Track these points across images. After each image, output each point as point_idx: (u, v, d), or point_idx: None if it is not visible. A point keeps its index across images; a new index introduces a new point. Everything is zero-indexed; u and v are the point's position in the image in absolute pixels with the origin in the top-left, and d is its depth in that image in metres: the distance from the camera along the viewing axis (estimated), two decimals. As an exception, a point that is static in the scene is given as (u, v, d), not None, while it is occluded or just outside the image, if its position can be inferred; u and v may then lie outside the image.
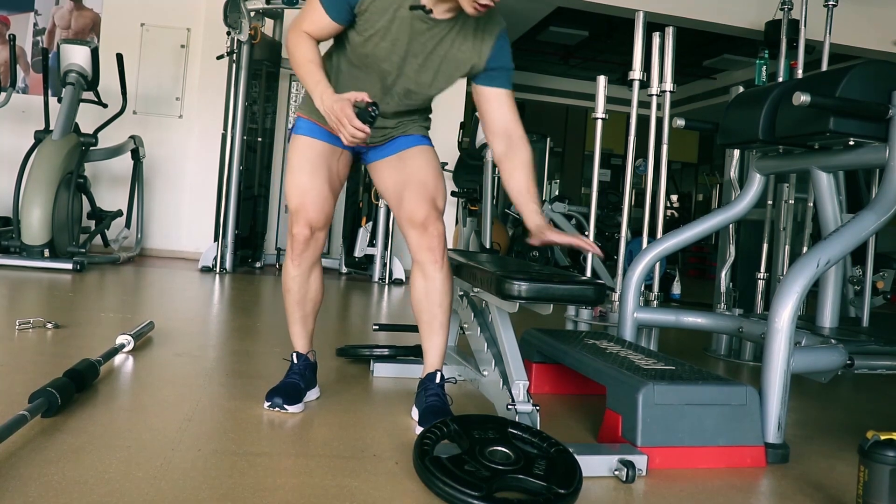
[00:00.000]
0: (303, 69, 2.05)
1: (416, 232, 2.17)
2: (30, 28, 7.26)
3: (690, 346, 4.16)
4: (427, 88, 2.18)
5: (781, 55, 4.08)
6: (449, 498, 1.56)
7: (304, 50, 2.06)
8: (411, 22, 2.03)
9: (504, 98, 2.18)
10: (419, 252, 2.19)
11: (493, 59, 2.13)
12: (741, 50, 9.67)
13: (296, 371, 2.30)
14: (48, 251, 5.39)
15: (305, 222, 2.16)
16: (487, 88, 2.17)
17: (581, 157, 13.68)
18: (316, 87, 2.00)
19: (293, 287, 2.26)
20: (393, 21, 2.02)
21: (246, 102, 6.23)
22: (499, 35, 2.13)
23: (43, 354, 2.79)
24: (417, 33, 2.05)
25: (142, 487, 1.55)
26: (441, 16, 2.03)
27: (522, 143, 2.20)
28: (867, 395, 3.27)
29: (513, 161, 2.18)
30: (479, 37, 2.10)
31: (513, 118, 2.19)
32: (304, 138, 2.23)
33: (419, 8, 2.00)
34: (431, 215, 2.16)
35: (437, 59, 2.10)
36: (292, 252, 2.20)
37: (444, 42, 2.08)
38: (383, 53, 2.07)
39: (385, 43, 2.05)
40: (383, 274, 6.44)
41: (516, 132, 2.19)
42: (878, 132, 2.28)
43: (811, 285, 2.18)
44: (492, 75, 2.16)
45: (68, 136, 5.75)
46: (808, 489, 1.89)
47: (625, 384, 2.05)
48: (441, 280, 2.19)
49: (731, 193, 3.83)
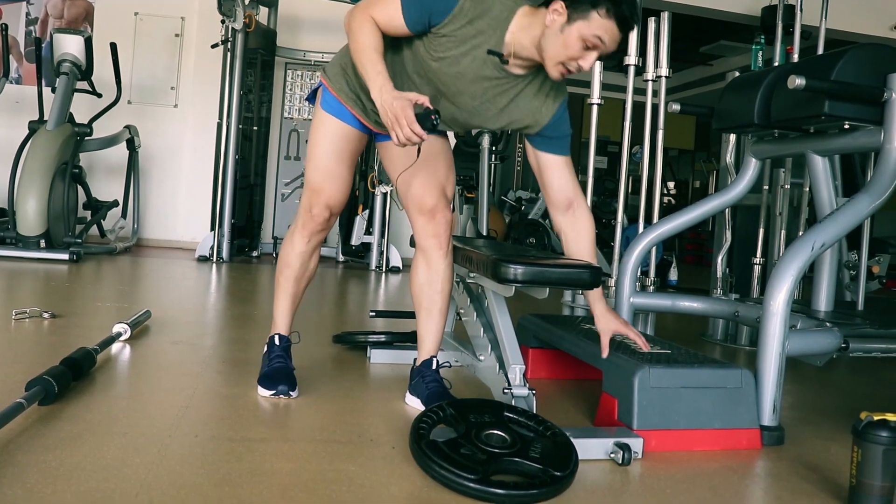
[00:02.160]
0: (364, 55, 1.89)
1: (423, 218, 2.17)
2: (22, 18, 7.22)
3: (687, 332, 4.17)
4: (469, 126, 2.15)
5: (777, 41, 4.07)
6: (445, 481, 1.57)
7: (368, 34, 1.91)
8: (483, 64, 1.94)
9: (564, 165, 2.10)
10: (425, 238, 2.19)
11: (553, 126, 2.05)
12: (738, 36, 9.65)
13: (279, 353, 2.29)
14: (44, 242, 5.39)
15: (326, 205, 2.18)
16: (547, 155, 2.09)
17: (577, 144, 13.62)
18: (376, 78, 1.85)
19: (295, 263, 2.26)
20: (466, 56, 1.93)
21: (241, 91, 6.21)
22: (562, 103, 2.06)
23: (40, 344, 2.79)
24: (484, 77, 1.96)
25: (139, 473, 1.55)
26: (515, 70, 1.96)
27: (585, 212, 2.13)
28: (862, 378, 3.29)
29: (579, 235, 2.13)
30: (542, 100, 2.02)
31: (573, 186, 2.11)
32: (333, 120, 2.16)
33: (497, 55, 1.91)
34: (440, 203, 2.16)
35: (494, 108, 2.02)
36: (304, 229, 2.21)
37: (507, 95, 2.00)
38: (446, 80, 1.99)
39: (450, 70, 1.96)
40: (380, 262, 6.44)
41: (577, 201, 2.12)
42: (873, 115, 2.28)
43: (806, 269, 2.19)
44: (551, 142, 2.08)
45: (63, 127, 5.73)
46: (803, 470, 1.91)
47: (621, 368, 2.06)
48: (444, 268, 2.20)
49: (728, 179, 3.83)
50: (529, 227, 7.98)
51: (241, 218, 6.45)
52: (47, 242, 5.41)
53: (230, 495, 1.48)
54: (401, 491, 1.59)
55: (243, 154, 6.43)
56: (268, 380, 2.21)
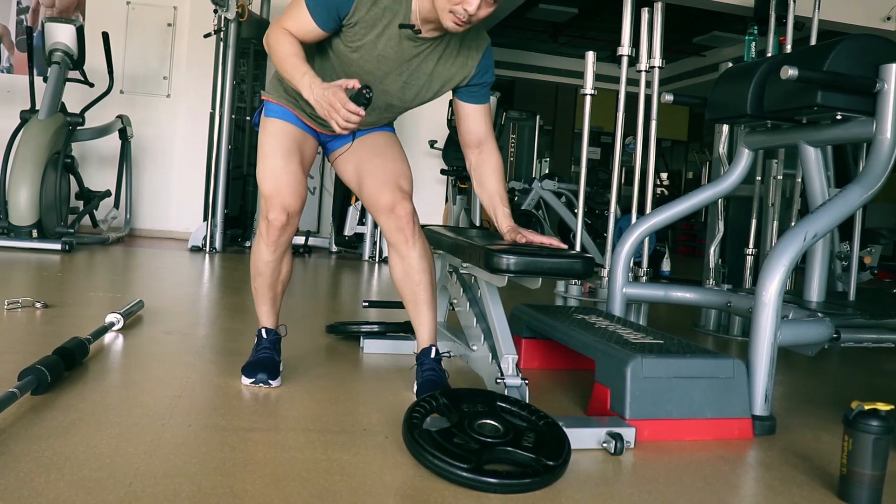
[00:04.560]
0: (287, 63, 1.99)
1: (383, 216, 2.18)
2: (13, 6, 7.17)
3: (680, 322, 4.19)
4: (410, 103, 2.20)
5: (770, 31, 4.07)
6: (438, 470, 1.57)
7: (286, 45, 2.01)
8: (399, 40, 2.02)
9: (482, 112, 2.23)
10: (390, 234, 2.20)
11: (478, 75, 2.16)
12: (731, 27, 9.65)
13: (266, 345, 2.30)
14: (36, 232, 5.37)
15: (282, 208, 2.11)
16: (469, 105, 2.21)
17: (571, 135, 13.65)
18: (303, 79, 1.94)
19: (266, 271, 2.24)
20: (381, 37, 2.01)
21: (234, 81, 6.18)
22: (485, 52, 2.15)
23: (32, 333, 2.79)
24: (404, 51, 2.05)
25: (133, 462, 1.55)
26: (428, 34, 2.02)
27: (493, 150, 2.25)
28: (853, 368, 3.31)
29: (485, 168, 2.24)
30: (465, 53, 2.12)
31: (486, 130, 2.25)
32: (276, 121, 2.19)
33: (409, 27, 1.99)
34: (396, 197, 2.16)
35: (423, 76, 2.11)
36: (267, 238, 2.16)
37: (430, 60, 2.09)
38: (368, 67, 2.07)
39: (370, 57, 2.05)
40: (373, 252, 6.44)
41: (488, 142, 2.24)
42: (866, 106, 2.28)
43: (798, 260, 2.19)
44: (473, 91, 2.19)
45: (55, 116, 5.70)
46: (794, 459, 1.92)
47: (613, 358, 2.06)
48: (416, 258, 2.19)
49: (721, 170, 3.84)
50: (522, 217, 7.97)
51: (233, 208, 6.43)
52: (39, 232, 5.39)
53: (223, 484, 1.48)
54: (394, 480, 1.59)
55: (236, 144, 6.41)
56: (250, 368, 2.22)
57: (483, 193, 2.26)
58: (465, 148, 2.27)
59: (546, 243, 2.11)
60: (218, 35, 6.17)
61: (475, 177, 2.27)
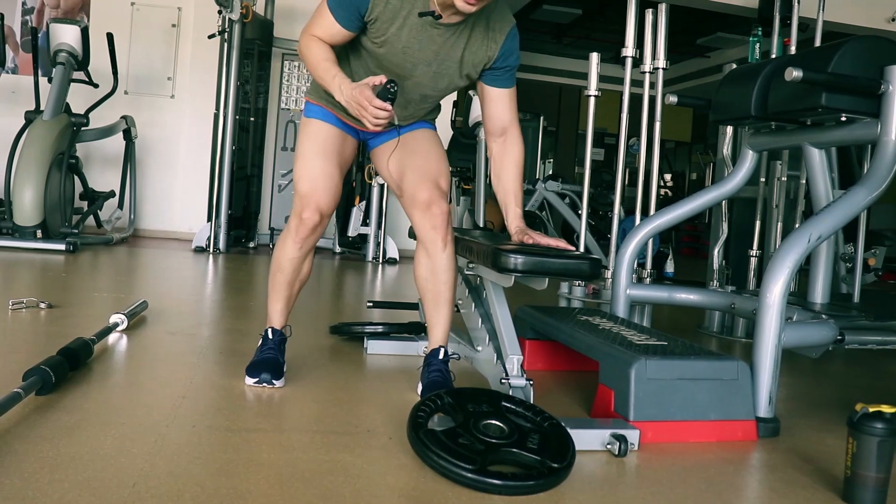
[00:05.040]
0: (319, 68, 2.03)
1: (419, 212, 2.18)
2: (18, 7, 7.19)
3: (683, 324, 4.18)
4: (444, 91, 2.19)
5: (775, 33, 4.07)
6: (443, 471, 1.57)
7: (317, 50, 2.05)
8: (421, 29, 2.01)
9: (508, 97, 2.18)
10: (423, 231, 2.19)
11: (502, 58, 2.11)
12: (735, 28, 9.64)
13: (271, 346, 2.30)
14: (41, 232, 5.38)
15: (316, 208, 2.16)
16: (493, 89, 2.16)
17: (574, 136, 13.65)
18: (333, 81, 1.98)
19: (288, 269, 2.26)
20: (402, 28, 2.00)
21: (238, 82, 6.19)
22: (509, 34, 2.09)
23: (36, 334, 2.79)
24: (430, 40, 2.03)
25: (137, 463, 1.56)
26: (450, 20, 2.00)
27: (517, 140, 2.20)
28: (857, 370, 3.30)
29: (506, 159, 2.20)
30: (490, 36, 2.08)
31: (511, 116, 2.19)
32: (316, 122, 2.22)
33: (429, 14, 1.97)
34: (434, 195, 2.16)
35: (453, 63, 2.09)
36: (297, 235, 2.19)
37: (457, 46, 2.06)
38: (397, 60, 2.06)
39: (396, 50, 2.04)
40: (377, 253, 6.45)
41: (512, 129, 2.19)
42: (870, 108, 2.28)
43: (803, 261, 2.19)
44: (498, 75, 2.14)
45: (59, 117, 5.71)
46: (798, 462, 1.91)
47: (617, 359, 2.06)
48: (446, 259, 2.20)
49: (725, 171, 3.83)
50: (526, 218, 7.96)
51: (237, 209, 6.44)
52: (44, 233, 5.40)
53: (227, 485, 1.49)
54: (398, 481, 1.59)
55: (240, 145, 6.42)
56: (253, 368, 2.23)
57: (499, 187, 2.22)
58: (489, 136, 2.22)
59: (553, 245, 2.10)
60: (222, 36, 6.17)
61: (494, 168, 2.23)
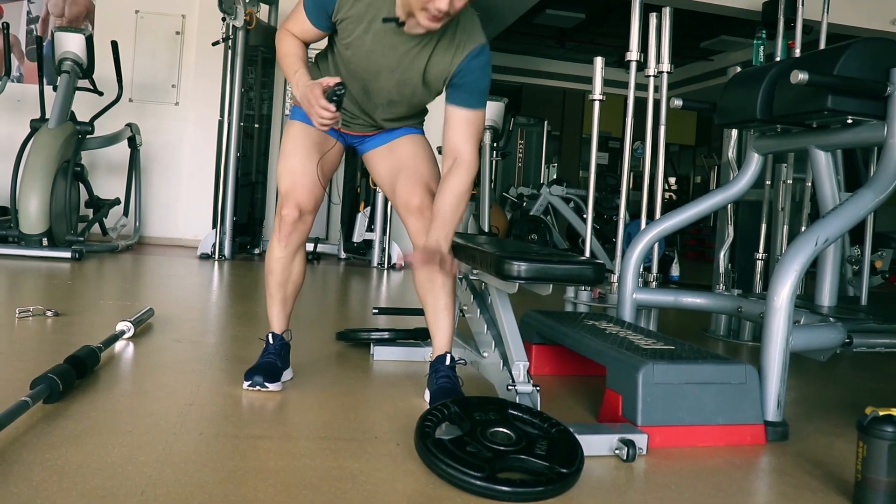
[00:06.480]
0: (284, 62, 2.11)
1: (413, 218, 2.18)
2: (23, 16, 7.22)
3: (690, 328, 4.17)
4: (410, 99, 2.16)
5: (779, 35, 4.06)
6: (451, 479, 1.57)
7: (287, 45, 2.12)
8: (385, 35, 2.01)
9: (466, 121, 2.06)
10: (417, 237, 2.18)
11: (460, 74, 2.03)
12: (738, 31, 9.64)
13: (272, 351, 2.31)
14: (46, 240, 5.38)
15: (295, 204, 2.18)
16: (452, 108, 2.07)
17: (579, 141, 13.66)
18: (294, 76, 2.05)
19: (276, 269, 2.27)
20: (367, 32, 2.01)
21: (242, 89, 6.20)
22: (475, 51, 2.02)
23: (43, 342, 2.80)
24: (391, 48, 2.02)
25: (144, 471, 1.55)
26: (414, 30, 1.98)
27: (464, 172, 2.06)
28: (866, 374, 3.29)
29: (444, 186, 2.08)
30: (453, 51, 2.02)
31: (466, 145, 2.06)
32: (298, 124, 2.25)
33: (393, 20, 1.96)
34: (426, 200, 2.16)
35: (416, 73, 2.06)
36: (279, 233, 2.22)
37: (421, 56, 2.03)
38: (362, 64, 2.08)
39: (361, 54, 2.06)
40: (382, 259, 6.44)
41: (464, 158, 2.06)
42: (877, 110, 2.27)
43: (810, 264, 2.18)
44: (458, 93, 2.06)
45: (64, 125, 5.73)
46: (808, 466, 1.90)
47: (625, 364, 2.05)
48: None
49: (730, 175, 3.83)
50: (531, 223, 7.97)
51: (242, 215, 6.45)
52: (49, 241, 5.41)
53: (234, 493, 1.48)
54: (405, 488, 1.59)
55: (245, 152, 6.42)
56: (248, 372, 2.24)
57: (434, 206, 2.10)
58: (443, 155, 2.11)
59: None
60: (226, 43, 6.19)
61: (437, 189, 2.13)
